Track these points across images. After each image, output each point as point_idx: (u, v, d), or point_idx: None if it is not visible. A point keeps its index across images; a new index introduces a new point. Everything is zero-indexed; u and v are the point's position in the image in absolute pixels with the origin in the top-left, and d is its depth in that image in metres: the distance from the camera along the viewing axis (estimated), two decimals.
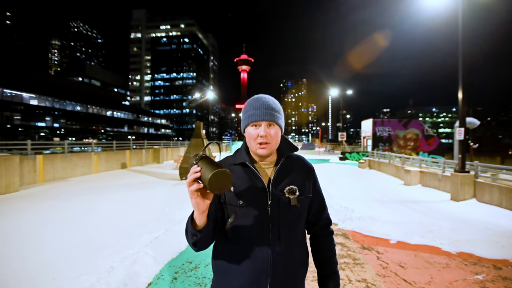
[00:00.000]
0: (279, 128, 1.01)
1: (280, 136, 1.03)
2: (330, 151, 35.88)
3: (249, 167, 1.00)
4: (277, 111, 1.00)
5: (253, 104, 1.00)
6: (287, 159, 1.05)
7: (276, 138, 0.99)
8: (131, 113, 54.83)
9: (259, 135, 0.97)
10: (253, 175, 0.99)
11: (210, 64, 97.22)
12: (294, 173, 1.02)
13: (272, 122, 0.98)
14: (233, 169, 1.03)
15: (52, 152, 11.58)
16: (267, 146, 0.97)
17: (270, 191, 0.97)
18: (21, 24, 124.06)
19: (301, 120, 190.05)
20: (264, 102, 0.99)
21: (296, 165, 1.06)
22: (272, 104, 1.00)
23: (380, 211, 5.61)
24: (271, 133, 0.97)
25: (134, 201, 6.39)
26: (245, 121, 1.02)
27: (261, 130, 0.97)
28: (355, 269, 3.12)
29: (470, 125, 13.83)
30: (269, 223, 0.94)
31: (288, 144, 1.08)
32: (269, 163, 1.04)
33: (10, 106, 31.44)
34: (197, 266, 3.19)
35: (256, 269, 0.92)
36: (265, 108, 0.98)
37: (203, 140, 10.39)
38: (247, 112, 1.01)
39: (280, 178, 0.99)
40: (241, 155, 1.03)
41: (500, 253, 3.58)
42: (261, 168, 1.03)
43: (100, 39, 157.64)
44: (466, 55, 6.91)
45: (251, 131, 0.99)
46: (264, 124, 0.97)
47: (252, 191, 0.97)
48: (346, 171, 13.29)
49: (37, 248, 3.50)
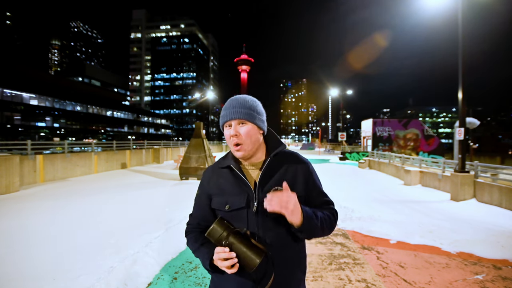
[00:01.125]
0: (253, 125, 0.96)
1: (257, 134, 0.98)
2: (330, 151, 35.89)
3: (234, 170, 0.98)
4: (250, 108, 0.96)
5: (225, 105, 0.99)
6: (276, 157, 1.00)
7: (249, 137, 0.95)
8: (131, 113, 54.82)
9: (230, 135, 0.95)
10: (238, 179, 0.97)
11: (210, 64, 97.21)
12: (282, 172, 0.98)
13: (242, 120, 0.94)
14: (221, 172, 1.02)
15: (52, 152, 11.58)
16: (241, 148, 0.94)
17: (256, 193, 0.94)
18: (21, 24, 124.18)
19: (301, 120, 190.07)
20: (235, 102, 0.97)
21: (286, 163, 1.00)
22: (244, 102, 0.97)
23: (380, 211, 5.61)
24: (242, 132, 0.94)
25: (134, 201, 6.39)
26: (220, 123, 1.01)
27: (231, 130, 0.95)
28: (355, 269, 3.12)
29: (470, 125, 13.83)
30: (256, 227, 0.92)
31: (276, 141, 1.04)
32: (257, 163, 1.01)
33: (10, 106, 31.44)
34: (197, 266, 3.19)
35: (245, 274, 0.90)
36: (235, 107, 0.95)
37: (203, 140, 10.39)
38: (221, 114, 1.00)
39: (266, 179, 0.96)
40: (228, 158, 1.02)
41: (500, 253, 3.58)
42: (249, 169, 1.01)
43: (100, 39, 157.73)
44: (466, 54, 6.91)
45: (225, 132, 0.98)
46: (234, 123, 0.95)
47: (237, 195, 0.95)
48: (346, 171, 13.29)
49: (37, 248, 3.50)
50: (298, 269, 0.99)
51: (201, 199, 1.05)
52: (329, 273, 3.01)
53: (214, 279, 1.02)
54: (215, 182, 1.02)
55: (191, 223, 1.08)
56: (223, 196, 0.97)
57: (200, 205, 1.06)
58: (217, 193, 1.00)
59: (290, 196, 0.85)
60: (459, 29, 6.93)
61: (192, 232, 1.05)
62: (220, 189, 0.99)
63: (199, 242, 0.99)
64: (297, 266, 0.98)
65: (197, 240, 1.00)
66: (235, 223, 0.93)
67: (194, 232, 1.05)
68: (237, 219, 0.94)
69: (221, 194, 0.98)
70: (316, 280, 2.83)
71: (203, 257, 0.93)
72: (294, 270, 0.97)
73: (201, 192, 1.06)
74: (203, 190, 1.05)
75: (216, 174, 1.03)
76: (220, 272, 0.91)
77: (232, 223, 0.92)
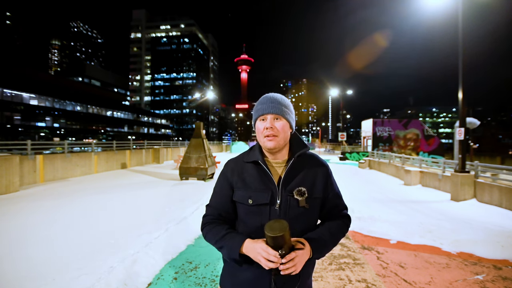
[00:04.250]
0: (287, 122, 1.02)
1: (288, 131, 1.03)
2: (330, 151, 35.90)
3: (261, 165, 1.01)
4: (285, 106, 1.02)
5: (261, 100, 1.04)
6: (299, 157, 1.04)
7: (284, 131, 1.00)
8: (131, 113, 54.84)
9: (265, 127, 0.98)
10: (264, 174, 1.00)
11: (210, 64, 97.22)
12: (304, 173, 1.02)
13: (278, 115, 0.99)
14: (245, 166, 1.04)
15: (52, 152, 11.58)
16: (274, 139, 0.98)
17: (280, 191, 0.97)
18: (21, 24, 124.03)
19: (301, 120, 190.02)
20: (271, 97, 1.02)
21: (308, 164, 1.05)
22: (280, 99, 1.02)
23: (380, 211, 5.61)
24: (277, 126, 0.99)
25: (134, 201, 6.39)
26: (254, 116, 1.05)
27: (267, 123, 0.99)
28: (355, 269, 3.12)
29: (470, 125, 13.82)
30: None
31: (300, 143, 1.08)
32: (281, 161, 1.05)
33: (10, 106, 31.45)
34: (197, 266, 3.18)
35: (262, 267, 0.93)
36: (271, 102, 1.01)
37: (203, 140, 10.38)
38: (256, 108, 1.04)
39: (290, 178, 1.00)
40: (254, 153, 1.04)
41: (500, 253, 3.58)
42: (273, 167, 1.04)
43: (100, 39, 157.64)
44: (466, 54, 6.91)
45: (259, 125, 1.02)
46: (270, 117, 0.99)
47: (262, 191, 0.98)
48: (346, 171, 13.29)
49: (37, 248, 3.49)
50: (310, 264, 1.03)
51: (223, 190, 1.05)
52: (329, 273, 3.01)
53: (229, 268, 1.03)
54: (239, 175, 1.03)
55: (210, 214, 1.06)
56: (247, 190, 0.99)
57: (222, 196, 1.05)
58: (241, 186, 1.01)
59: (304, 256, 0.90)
60: (459, 29, 6.93)
61: (213, 223, 1.03)
62: (244, 182, 1.01)
63: (223, 231, 0.97)
64: (310, 261, 1.02)
65: (221, 230, 0.99)
66: (256, 217, 0.96)
67: (215, 223, 1.03)
68: (258, 214, 0.97)
69: (245, 188, 1.00)
70: (316, 280, 2.83)
71: (233, 245, 0.92)
72: (308, 265, 1.01)
73: (224, 182, 1.06)
74: (226, 181, 1.06)
75: (240, 167, 1.05)
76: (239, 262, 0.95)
77: (254, 217, 0.96)
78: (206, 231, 1.03)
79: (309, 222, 1.02)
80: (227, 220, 1.04)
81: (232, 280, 1.01)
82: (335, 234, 1.02)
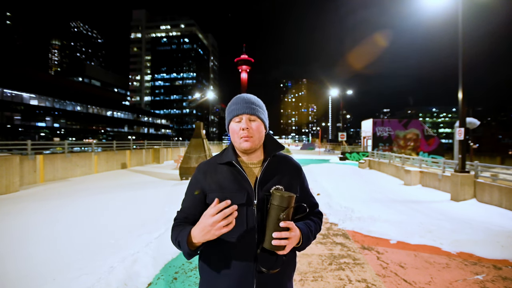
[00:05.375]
0: (261, 122, 1.01)
1: (263, 131, 1.02)
2: (330, 151, 35.90)
3: (235, 166, 1.00)
4: (259, 106, 1.02)
5: (234, 101, 1.03)
6: (274, 158, 1.05)
7: (259, 132, 0.99)
8: (131, 113, 54.81)
9: (241, 128, 0.97)
10: (239, 174, 0.99)
11: (210, 64, 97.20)
12: (281, 173, 1.02)
13: (253, 116, 0.99)
14: (219, 168, 1.02)
15: (52, 152, 11.57)
16: (250, 139, 0.97)
17: (256, 191, 0.96)
18: (21, 24, 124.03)
19: (301, 120, 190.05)
20: (245, 98, 1.02)
21: (283, 165, 1.06)
22: (253, 99, 1.02)
23: (380, 211, 5.61)
24: (252, 126, 0.98)
25: (134, 201, 6.39)
26: (228, 117, 1.03)
27: (242, 123, 0.98)
28: (355, 269, 3.12)
29: (470, 125, 13.83)
30: (255, 223, 0.94)
31: (275, 143, 1.08)
32: (256, 162, 1.04)
33: (10, 106, 31.43)
34: (197, 266, 3.18)
35: (242, 269, 0.92)
36: (246, 102, 1.00)
37: (203, 140, 10.39)
38: (229, 108, 1.03)
39: (266, 178, 0.99)
40: (228, 154, 1.03)
41: (500, 253, 3.58)
42: (248, 167, 1.03)
43: (100, 39, 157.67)
44: (466, 54, 6.91)
45: (234, 126, 1.00)
46: (245, 117, 0.98)
47: (237, 191, 0.96)
48: (346, 171, 13.29)
49: (37, 248, 3.50)
50: (291, 265, 1.03)
51: (192, 194, 1.02)
52: (329, 273, 3.01)
53: (206, 277, 0.98)
54: (213, 178, 1.00)
55: (178, 217, 1.02)
56: (222, 192, 0.97)
57: (192, 200, 1.02)
58: (215, 188, 0.98)
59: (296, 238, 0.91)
60: (459, 29, 6.93)
61: (176, 226, 0.99)
62: (218, 185, 0.99)
63: (178, 229, 0.94)
64: (291, 261, 1.03)
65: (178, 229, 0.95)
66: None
67: (178, 225, 0.99)
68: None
69: (220, 190, 0.97)
70: (316, 280, 2.83)
71: (182, 237, 0.89)
72: (289, 265, 1.02)
73: (195, 187, 1.02)
74: (197, 185, 1.02)
75: (213, 169, 1.02)
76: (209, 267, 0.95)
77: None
78: (171, 234, 0.99)
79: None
80: (192, 222, 0.97)
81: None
82: (315, 230, 1.05)
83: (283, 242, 0.86)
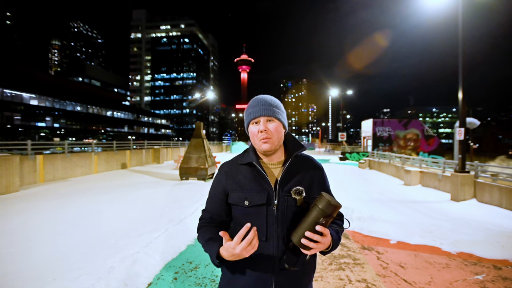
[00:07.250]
0: (280, 123, 1.02)
1: (282, 131, 1.03)
2: (330, 151, 35.89)
3: (255, 167, 1.01)
4: (276, 107, 1.02)
5: (252, 104, 1.03)
6: (295, 158, 1.05)
7: (277, 132, 1.00)
8: (131, 113, 54.82)
9: (259, 130, 0.98)
10: (259, 175, 1.00)
11: (210, 64, 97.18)
12: (301, 174, 1.03)
13: (270, 117, 0.99)
14: (240, 169, 1.04)
15: (52, 152, 11.57)
16: (269, 141, 0.98)
17: (277, 191, 0.97)
18: (21, 24, 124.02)
19: (301, 120, 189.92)
20: (262, 100, 1.02)
21: (304, 165, 1.06)
22: (270, 100, 1.02)
23: (380, 211, 5.61)
24: (270, 127, 0.99)
25: (134, 201, 6.39)
26: (246, 120, 1.04)
27: (260, 126, 0.99)
28: (355, 269, 3.12)
29: (470, 125, 13.84)
30: (275, 223, 0.95)
31: (296, 143, 1.08)
32: (276, 163, 1.04)
33: (10, 106, 31.44)
34: (197, 266, 3.19)
35: (262, 268, 0.93)
36: (262, 104, 1.00)
37: (203, 140, 10.38)
38: (247, 111, 1.04)
39: (287, 179, 1.00)
40: (249, 155, 1.04)
41: (500, 253, 3.58)
42: (269, 168, 1.04)
43: (100, 39, 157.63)
44: (466, 54, 6.91)
45: (252, 128, 1.01)
46: (263, 119, 0.99)
47: (258, 192, 0.97)
48: (346, 171, 13.29)
49: (38, 248, 3.50)
50: (310, 266, 1.03)
51: (217, 194, 1.06)
52: (329, 273, 3.01)
53: (226, 274, 1.01)
54: (234, 178, 1.03)
55: (203, 217, 1.08)
56: (242, 192, 0.99)
57: (215, 200, 1.06)
58: (235, 189, 1.01)
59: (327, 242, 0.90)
60: (459, 29, 6.93)
61: (203, 227, 1.05)
62: (239, 185, 1.01)
63: (207, 236, 0.98)
64: (311, 263, 1.03)
65: (206, 235, 1.00)
66: (253, 218, 0.95)
67: (205, 226, 1.04)
68: (255, 215, 0.97)
69: (240, 190, 1.00)
70: (316, 280, 2.83)
71: (211, 251, 0.92)
72: (309, 267, 1.02)
73: (217, 187, 1.06)
74: (219, 185, 1.06)
75: (235, 170, 1.05)
76: (229, 266, 0.95)
77: (251, 218, 0.95)
78: (198, 234, 1.05)
79: None
80: (218, 223, 1.05)
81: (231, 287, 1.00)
82: (339, 233, 1.04)
83: (311, 244, 0.86)
